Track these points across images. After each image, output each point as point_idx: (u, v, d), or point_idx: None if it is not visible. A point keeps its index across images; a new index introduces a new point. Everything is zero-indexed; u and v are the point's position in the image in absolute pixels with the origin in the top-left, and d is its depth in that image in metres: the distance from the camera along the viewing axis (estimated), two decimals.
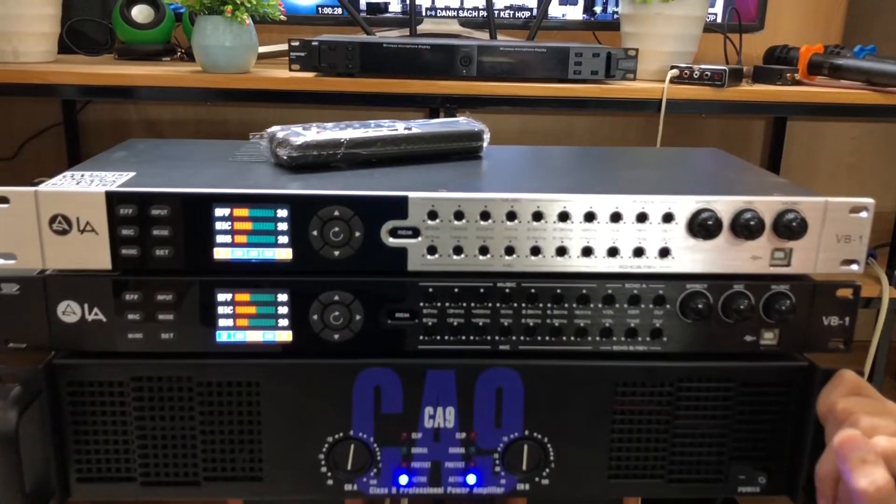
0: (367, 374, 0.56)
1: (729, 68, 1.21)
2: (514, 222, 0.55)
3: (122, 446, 0.57)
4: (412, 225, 0.54)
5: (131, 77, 1.17)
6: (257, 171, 0.61)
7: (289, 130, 0.61)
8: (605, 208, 0.55)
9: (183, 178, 0.58)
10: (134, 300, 0.55)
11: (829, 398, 0.53)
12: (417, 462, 0.58)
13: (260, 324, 0.55)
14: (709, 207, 0.55)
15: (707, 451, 0.58)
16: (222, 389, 0.56)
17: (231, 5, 1.11)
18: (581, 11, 1.43)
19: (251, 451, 0.57)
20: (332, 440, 0.57)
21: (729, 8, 1.40)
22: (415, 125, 0.65)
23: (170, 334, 0.55)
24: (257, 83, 1.16)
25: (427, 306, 0.56)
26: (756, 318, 0.56)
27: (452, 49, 1.17)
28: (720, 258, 0.56)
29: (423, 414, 0.57)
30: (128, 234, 0.53)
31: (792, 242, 0.55)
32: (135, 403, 0.56)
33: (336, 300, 0.55)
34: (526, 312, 0.56)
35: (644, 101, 1.21)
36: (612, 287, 0.56)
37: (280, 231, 0.54)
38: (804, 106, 1.26)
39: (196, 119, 1.57)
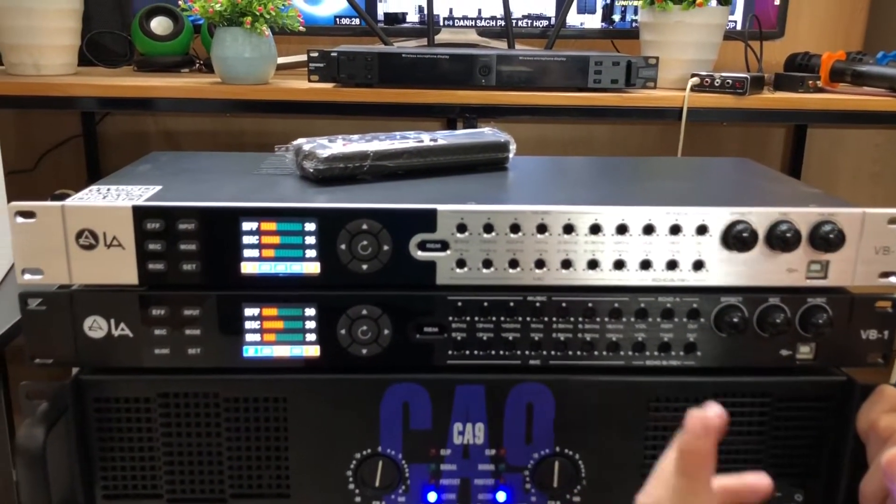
0: (396, 389, 0.56)
1: (751, 76, 1.20)
2: (544, 235, 0.54)
3: (148, 463, 0.56)
4: (441, 238, 0.54)
5: (150, 89, 1.18)
6: (283, 184, 0.61)
7: (315, 143, 0.60)
8: (637, 220, 0.54)
9: (209, 192, 0.57)
10: (161, 315, 0.54)
11: (870, 415, 0.52)
12: (446, 479, 0.57)
13: (287, 338, 0.55)
14: (743, 219, 0.54)
15: (743, 467, 0.57)
16: (249, 405, 0.56)
17: (250, 17, 1.12)
18: (599, 20, 1.42)
19: (278, 467, 0.57)
20: (360, 456, 0.57)
21: (749, 15, 1.39)
22: (440, 136, 0.65)
23: (197, 349, 0.55)
24: (276, 94, 1.16)
25: (456, 320, 0.55)
26: (792, 331, 0.55)
27: (471, 59, 1.17)
28: (755, 271, 0.55)
29: (452, 430, 0.56)
30: (155, 248, 0.53)
31: (829, 255, 0.54)
32: (161, 419, 0.56)
33: (364, 314, 0.54)
34: (557, 327, 0.55)
35: (665, 110, 1.20)
36: (645, 301, 0.55)
37: (308, 245, 0.53)
38: (827, 113, 1.25)
39: (213, 130, 1.57)
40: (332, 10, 1.38)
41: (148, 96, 1.18)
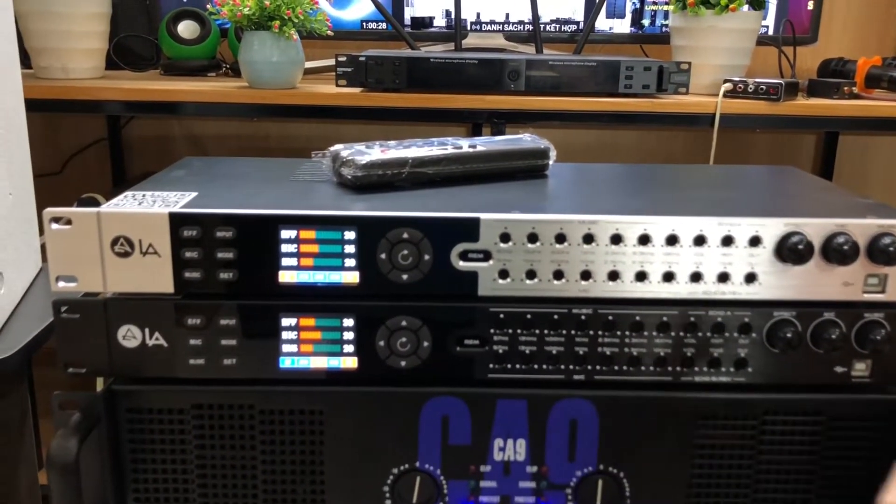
0: (435, 403, 0.54)
1: (785, 82, 1.17)
2: (591, 245, 0.52)
3: (181, 475, 0.55)
4: (483, 248, 0.52)
5: (177, 93, 1.17)
6: (320, 191, 0.59)
7: (353, 149, 0.59)
8: (688, 231, 0.52)
9: (246, 199, 0.56)
10: (196, 325, 0.53)
11: None
12: (486, 496, 0.56)
13: (325, 350, 0.53)
14: (799, 231, 0.52)
15: (793, 488, 0.55)
16: (285, 418, 0.54)
17: (279, 20, 1.11)
18: (629, 24, 1.41)
19: (313, 481, 0.55)
20: (397, 472, 0.55)
21: (782, 20, 1.37)
22: (479, 142, 0.63)
23: (232, 360, 0.53)
24: (304, 99, 1.15)
25: (498, 333, 0.53)
26: (847, 348, 0.53)
27: (500, 63, 1.15)
28: (810, 284, 0.53)
29: (492, 446, 0.55)
30: (191, 256, 0.52)
31: (888, 268, 0.52)
32: (195, 431, 0.54)
33: (403, 326, 0.53)
34: (602, 340, 0.54)
35: (697, 116, 1.18)
36: (695, 314, 0.53)
37: (347, 254, 0.52)
38: (863, 120, 1.22)
39: (238, 134, 1.57)
40: (359, 14, 1.37)
41: (174, 100, 1.18)
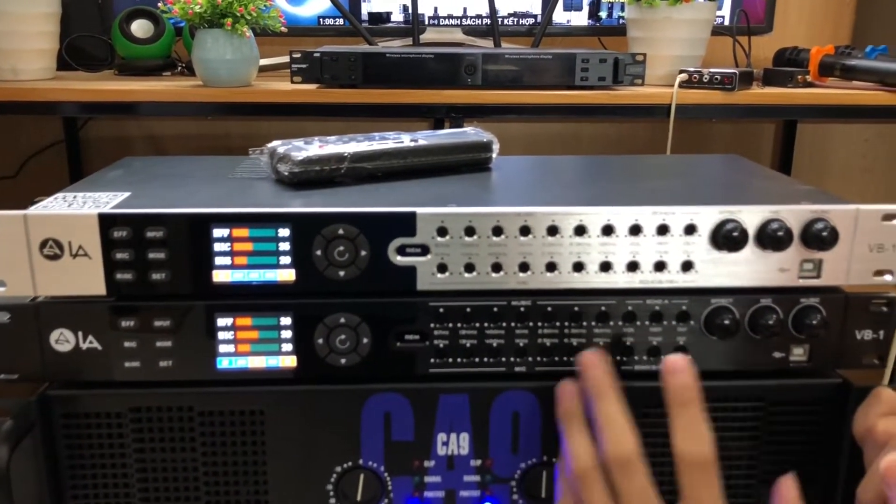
0: (376, 399, 0.54)
1: (739, 71, 1.18)
2: (528, 237, 0.52)
3: (120, 480, 0.54)
4: (421, 242, 0.52)
5: (131, 93, 1.15)
6: (257, 188, 0.59)
7: (290, 145, 0.58)
8: (623, 221, 0.52)
9: (180, 198, 0.55)
10: (130, 327, 0.52)
11: (867, 418, 0.50)
12: (431, 491, 0.55)
13: (263, 349, 0.53)
14: (733, 218, 0.52)
15: (736, 473, 0.55)
16: (225, 419, 0.54)
17: (231, 18, 1.09)
18: (586, 17, 1.41)
19: (256, 482, 0.55)
20: (340, 470, 0.55)
21: (737, 10, 1.38)
22: (421, 137, 0.63)
23: (168, 362, 0.53)
24: (259, 96, 1.13)
25: (438, 327, 0.53)
26: (785, 333, 0.54)
27: (457, 58, 1.15)
28: (746, 271, 0.53)
29: (435, 441, 0.55)
30: (122, 257, 0.51)
31: (822, 253, 0.53)
32: (133, 435, 0.53)
33: (342, 323, 0.52)
34: (542, 332, 0.54)
35: (653, 107, 1.18)
36: (633, 303, 0.53)
37: (282, 251, 0.51)
38: (816, 108, 1.23)
39: (199, 133, 1.55)
40: (316, 10, 1.36)
41: (129, 100, 1.16)
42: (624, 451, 0.47)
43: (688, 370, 0.48)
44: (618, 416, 0.48)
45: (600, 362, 0.50)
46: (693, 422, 0.47)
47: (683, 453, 0.46)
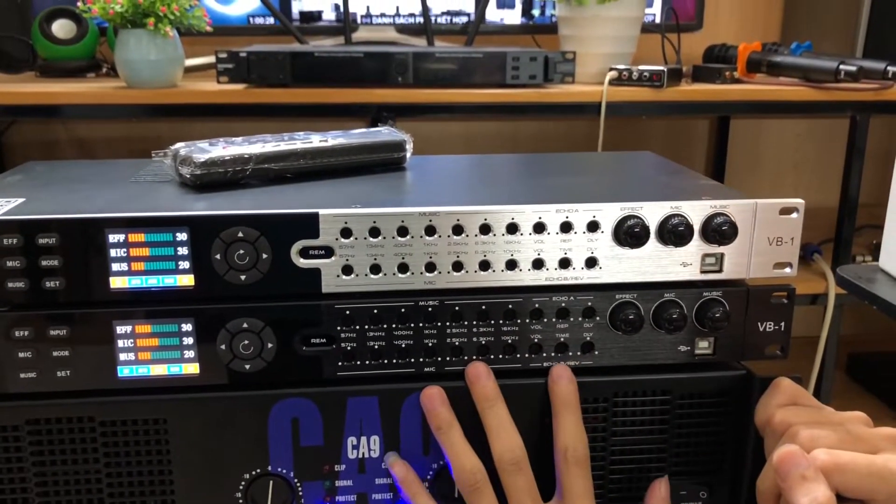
0: (283, 405, 0.53)
1: (667, 68, 1.20)
2: (433, 237, 0.52)
3: (19, 495, 0.53)
4: (324, 244, 0.51)
5: (52, 95, 1.13)
6: (159, 191, 0.57)
7: (193, 147, 0.57)
8: (527, 219, 0.52)
9: (75, 203, 0.53)
10: (24, 336, 0.50)
11: (767, 409, 0.51)
12: (342, 495, 0.55)
13: (164, 356, 0.51)
14: (635, 214, 0.52)
15: (646, 466, 0.56)
16: (127, 428, 0.52)
17: (154, 18, 1.07)
18: (519, 15, 1.41)
19: (163, 492, 0.53)
20: (248, 477, 0.54)
21: (666, 8, 1.40)
22: (332, 137, 0.62)
23: (66, 371, 0.51)
24: (184, 97, 1.12)
25: (345, 330, 0.52)
26: (689, 326, 0.54)
27: (387, 57, 1.15)
28: (649, 266, 0.53)
29: (345, 444, 0.54)
30: (13, 265, 0.49)
31: (722, 247, 0.53)
32: (32, 448, 0.52)
33: (245, 328, 0.51)
34: (451, 331, 0.53)
35: (584, 105, 1.20)
36: (539, 300, 0.53)
37: (180, 256, 0.50)
38: (744, 104, 1.26)
39: (128, 136, 1.52)
40: (245, 9, 1.34)
41: (51, 103, 1.13)
42: (515, 455, 0.52)
43: (571, 378, 0.53)
44: (507, 422, 0.52)
45: (487, 372, 0.53)
46: (573, 424, 0.52)
47: (565, 450, 0.52)
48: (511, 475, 0.51)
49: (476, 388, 0.53)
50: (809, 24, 1.60)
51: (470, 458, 0.52)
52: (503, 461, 0.51)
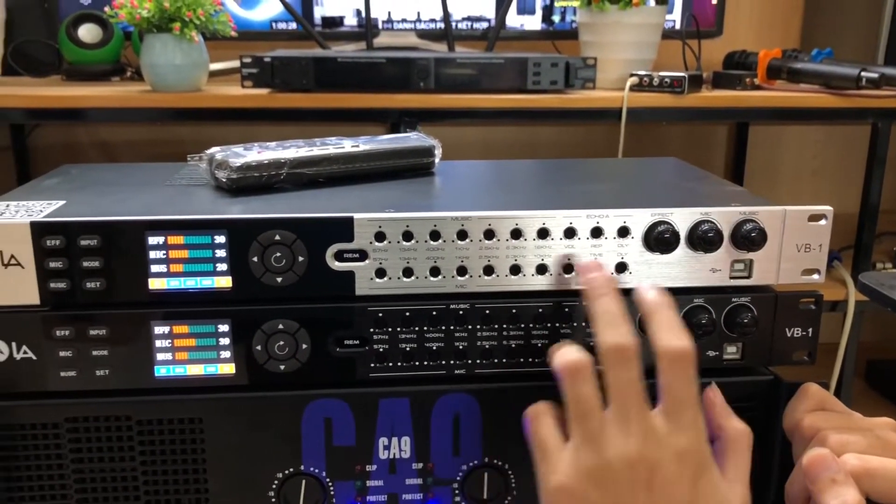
0: (317, 405, 0.54)
1: (688, 75, 1.21)
2: (465, 241, 0.53)
3: (58, 491, 0.54)
4: (359, 247, 0.52)
5: (79, 99, 1.14)
6: (195, 195, 0.58)
7: (229, 151, 0.58)
8: (558, 224, 0.53)
9: (115, 205, 0.55)
10: (65, 336, 0.51)
11: (795, 414, 0.52)
12: (373, 495, 0.55)
13: (201, 357, 0.52)
14: (665, 220, 0.53)
15: None
16: (163, 427, 0.53)
17: (179, 22, 1.09)
18: (539, 21, 1.42)
19: (197, 490, 0.54)
20: (282, 476, 0.54)
21: (687, 14, 1.40)
22: (362, 142, 0.63)
23: (105, 371, 0.52)
24: (208, 101, 1.13)
25: (377, 332, 0.53)
26: (718, 332, 0.55)
27: (408, 62, 1.16)
28: (678, 272, 0.54)
29: (377, 445, 0.55)
30: (56, 266, 0.50)
31: (751, 253, 0.54)
32: (71, 445, 0.53)
33: (280, 329, 0.52)
34: (481, 334, 0.54)
35: (604, 111, 1.20)
36: (569, 305, 0.54)
37: (218, 258, 0.51)
38: (764, 111, 1.26)
39: (150, 139, 1.53)
40: (268, 14, 1.35)
41: (76, 106, 1.15)
42: (622, 341, 0.46)
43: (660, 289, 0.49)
44: (617, 312, 0.48)
45: (599, 265, 0.50)
46: (672, 320, 0.48)
47: (666, 346, 0.47)
48: (617, 366, 0.46)
49: (586, 278, 0.49)
50: (829, 31, 1.61)
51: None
52: (610, 350, 0.46)
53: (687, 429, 0.46)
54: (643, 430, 0.45)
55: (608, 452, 0.45)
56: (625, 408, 0.46)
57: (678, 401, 0.46)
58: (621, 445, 0.45)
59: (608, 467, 0.45)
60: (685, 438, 0.46)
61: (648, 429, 0.46)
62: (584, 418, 0.46)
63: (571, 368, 0.46)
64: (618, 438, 0.45)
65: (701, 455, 0.46)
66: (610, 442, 0.45)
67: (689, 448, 0.46)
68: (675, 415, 0.46)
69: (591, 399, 0.46)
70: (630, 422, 0.45)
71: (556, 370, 0.47)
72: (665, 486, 0.45)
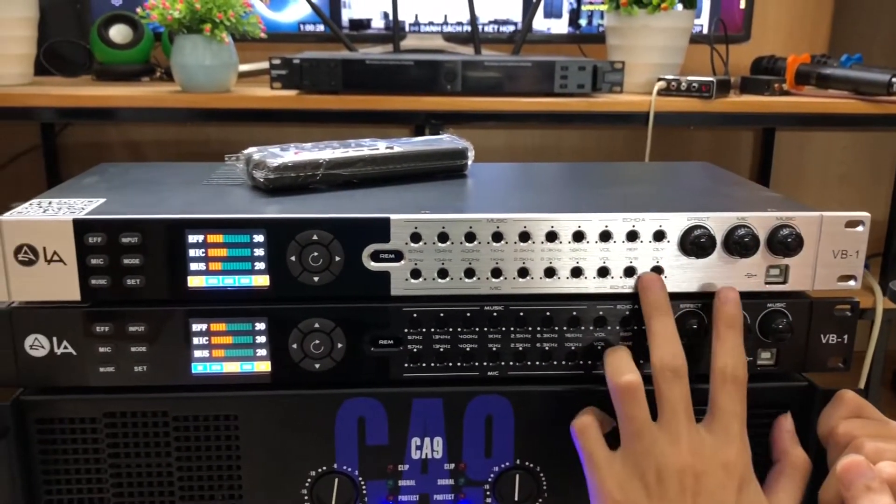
0: (351, 404, 0.54)
1: (717, 79, 1.20)
2: (500, 243, 0.53)
3: (95, 485, 0.54)
4: (394, 248, 0.52)
5: (109, 98, 1.15)
6: (233, 194, 0.59)
7: (266, 152, 0.59)
8: (594, 227, 0.53)
9: (155, 204, 0.55)
10: (105, 332, 0.52)
11: (830, 420, 0.51)
12: (405, 495, 0.56)
13: (237, 354, 0.53)
14: (701, 224, 0.53)
15: None
16: (199, 423, 0.54)
17: (210, 24, 1.10)
18: (566, 24, 1.42)
19: (230, 486, 0.55)
20: (315, 474, 0.55)
21: (715, 19, 1.40)
22: (397, 144, 0.63)
23: (143, 367, 0.53)
24: (238, 102, 1.14)
25: (412, 332, 0.54)
26: (752, 337, 0.55)
27: (436, 65, 1.16)
28: (714, 276, 0.54)
29: (409, 445, 0.55)
30: (97, 263, 0.51)
31: (787, 259, 0.54)
32: (108, 440, 0.54)
33: (316, 328, 0.53)
34: (514, 336, 0.54)
35: (631, 115, 1.20)
36: (603, 308, 0.54)
37: (256, 257, 0.52)
38: (792, 116, 1.25)
39: (178, 139, 1.55)
40: (296, 16, 1.36)
41: (107, 106, 1.16)
42: (675, 362, 0.50)
43: (738, 301, 0.52)
44: (673, 333, 0.51)
45: (662, 284, 0.53)
46: (735, 344, 0.51)
47: (724, 368, 0.50)
48: (669, 383, 0.50)
49: (648, 295, 0.52)
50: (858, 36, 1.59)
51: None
52: (663, 367, 0.50)
53: (733, 442, 0.50)
54: (691, 441, 0.49)
55: (658, 463, 0.49)
56: (675, 422, 0.50)
57: (727, 416, 0.50)
58: (671, 457, 0.49)
59: (658, 478, 0.49)
60: (732, 452, 0.50)
61: (696, 441, 0.49)
62: (637, 436, 0.50)
63: (626, 390, 0.50)
64: (668, 450, 0.49)
65: (745, 467, 0.50)
66: (660, 454, 0.49)
67: (734, 460, 0.49)
68: (723, 429, 0.50)
69: (643, 419, 0.50)
70: (680, 434, 0.49)
71: (611, 387, 0.51)
72: (712, 494, 0.48)
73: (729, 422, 0.50)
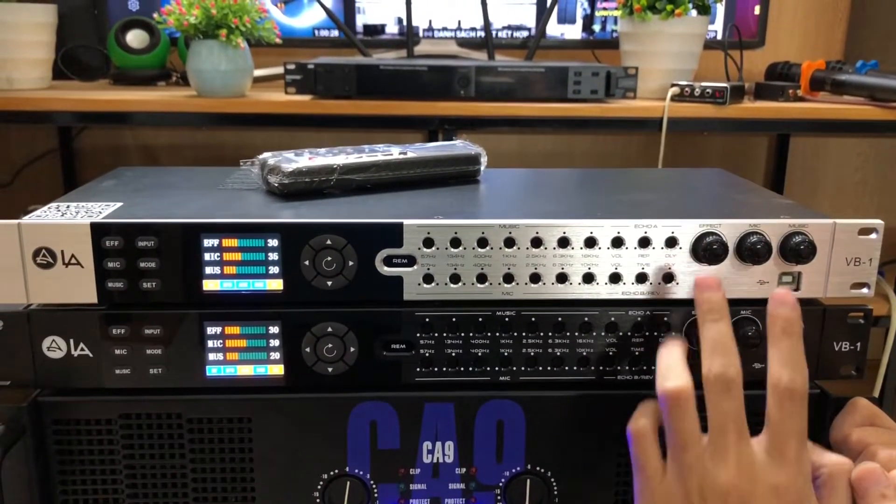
0: (363, 408, 0.54)
1: (731, 85, 1.20)
2: (512, 249, 0.53)
3: (110, 486, 0.55)
4: (407, 253, 0.53)
5: (126, 103, 1.17)
6: (248, 199, 0.59)
7: (280, 157, 0.59)
8: (606, 234, 0.53)
9: (171, 208, 0.56)
10: (121, 334, 0.53)
11: (843, 428, 0.51)
12: (416, 499, 0.56)
13: (251, 357, 0.54)
14: (713, 231, 0.53)
15: None
16: (213, 426, 0.54)
17: (226, 29, 1.11)
18: (580, 30, 1.42)
19: (244, 489, 0.55)
20: (327, 477, 0.55)
21: (729, 24, 1.40)
22: (410, 149, 0.64)
23: (158, 369, 0.53)
24: (253, 107, 1.15)
25: (424, 337, 0.54)
26: (765, 345, 0.54)
27: (450, 70, 1.16)
28: (726, 283, 0.53)
29: (421, 449, 0.55)
30: (114, 266, 0.52)
31: (800, 266, 0.54)
32: (123, 441, 0.54)
33: (329, 332, 0.53)
34: (526, 342, 0.54)
35: (645, 120, 1.20)
36: (615, 314, 0.54)
37: (271, 261, 0.52)
38: (807, 122, 1.25)
39: (193, 144, 1.56)
40: (311, 21, 1.37)
41: (123, 110, 1.17)
42: (729, 372, 0.46)
43: (795, 304, 0.48)
44: (729, 340, 0.47)
45: (719, 285, 0.49)
46: (792, 352, 0.47)
47: (778, 380, 0.46)
48: (720, 394, 0.46)
49: (703, 297, 0.49)
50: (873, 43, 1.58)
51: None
52: (715, 378, 0.46)
53: (788, 464, 0.46)
54: (740, 460, 0.46)
55: (703, 481, 0.46)
56: (724, 437, 0.46)
57: (783, 435, 0.46)
58: (716, 476, 0.46)
59: (701, 496, 0.46)
60: (784, 474, 0.45)
61: (745, 460, 0.46)
62: (682, 449, 0.47)
63: (675, 398, 0.47)
64: (713, 469, 0.46)
65: (800, 494, 0.46)
66: (705, 472, 0.46)
67: (786, 484, 0.45)
68: (778, 449, 0.46)
69: (691, 431, 0.47)
70: (728, 451, 0.46)
71: (660, 395, 0.48)
72: None
73: (784, 441, 0.46)
